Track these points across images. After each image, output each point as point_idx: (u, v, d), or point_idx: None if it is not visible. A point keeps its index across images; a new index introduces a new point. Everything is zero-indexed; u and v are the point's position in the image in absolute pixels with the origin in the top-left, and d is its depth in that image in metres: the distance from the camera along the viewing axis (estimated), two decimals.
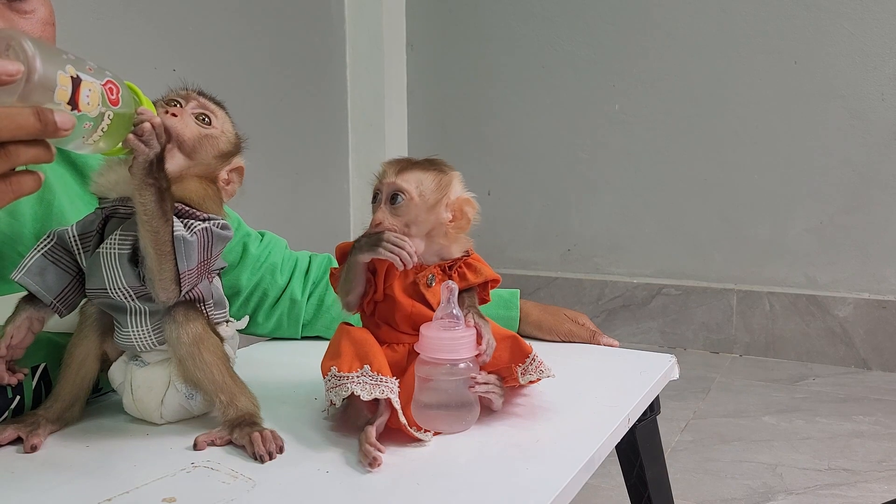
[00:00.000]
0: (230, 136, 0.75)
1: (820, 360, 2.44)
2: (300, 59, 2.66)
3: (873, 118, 2.36)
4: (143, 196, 0.65)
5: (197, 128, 0.72)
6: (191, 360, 0.70)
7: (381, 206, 0.72)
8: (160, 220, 0.65)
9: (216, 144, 0.73)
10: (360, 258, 0.72)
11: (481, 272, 0.76)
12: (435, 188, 0.73)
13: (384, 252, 0.70)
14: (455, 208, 0.74)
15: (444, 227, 0.74)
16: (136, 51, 1.99)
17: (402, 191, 0.72)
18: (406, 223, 0.72)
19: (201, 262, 0.70)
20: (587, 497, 1.52)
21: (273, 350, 1.04)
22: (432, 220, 0.73)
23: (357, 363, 0.70)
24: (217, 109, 0.75)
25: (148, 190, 0.64)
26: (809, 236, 2.48)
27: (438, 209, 0.73)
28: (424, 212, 0.72)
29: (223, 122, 0.75)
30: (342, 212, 2.89)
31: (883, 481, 1.61)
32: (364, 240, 0.72)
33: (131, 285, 0.69)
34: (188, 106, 0.73)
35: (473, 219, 0.75)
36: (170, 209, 0.66)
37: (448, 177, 0.74)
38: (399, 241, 0.70)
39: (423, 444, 0.69)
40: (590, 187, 2.77)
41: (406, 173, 0.73)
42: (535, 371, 0.74)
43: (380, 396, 0.67)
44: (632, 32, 2.64)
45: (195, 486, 0.61)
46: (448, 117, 2.97)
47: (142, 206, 0.65)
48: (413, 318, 0.73)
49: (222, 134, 0.74)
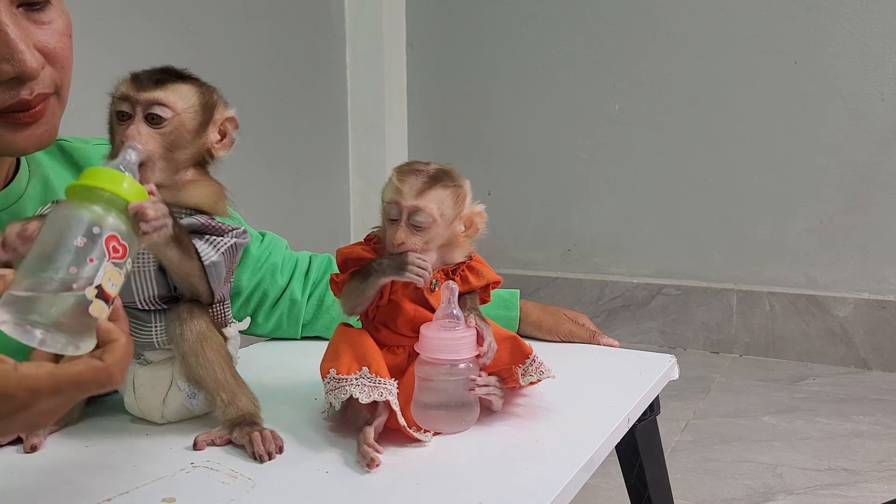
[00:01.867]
0: (193, 106, 0.71)
1: (820, 360, 2.43)
2: (300, 59, 2.66)
3: (873, 118, 2.36)
4: (167, 253, 0.66)
5: (156, 134, 0.69)
6: (193, 356, 0.70)
7: (401, 226, 0.72)
8: (187, 260, 0.67)
9: (182, 130, 0.70)
10: (383, 280, 0.72)
11: (483, 275, 0.76)
12: (453, 205, 0.73)
13: (410, 275, 0.70)
14: (467, 220, 0.75)
15: (458, 238, 0.75)
16: (136, 51, 1.98)
17: (424, 212, 0.71)
18: (426, 241, 0.73)
19: (229, 271, 0.72)
20: (587, 497, 1.52)
21: (273, 350, 1.04)
22: (448, 234, 0.74)
23: (356, 365, 0.70)
24: (165, 94, 0.69)
25: (169, 246, 0.65)
26: (809, 236, 2.48)
27: (455, 224, 0.74)
28: (443, 229, 0.73)
29: (178, 98, 0.70)
30: (342, 212, 2.89)
31: (883, 481, 1.61)
32: (387, 262, 0.72)
33: (161, 295, 0.71)
34: (137, 113, 0.69)
35: (482, 227, 0.76)
36: (189, 242, 0.67)
37: (463, 190, 0.75)
38: (423, 262, 0.71)
39: (423, 445, 0.69)
40: (590, 187, 2.77)
41: (426, 194, 0.72)
42: (535, 372, 0.75)
43: (378, 399, 0.67)
44: (632, 32, 2.64)
45: (195, 486, 0.61)
46: (448, 117, 2.97)
47: (167, 259, 0.67)
48: (415, 322, 0.73)
49: (184, 113, 0.70)
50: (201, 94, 0.72)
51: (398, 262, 0.71)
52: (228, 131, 0.75)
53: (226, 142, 0.75)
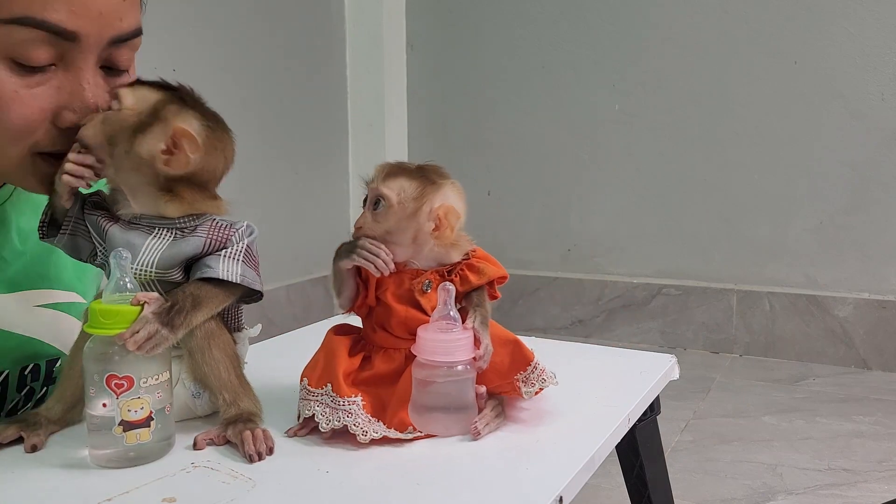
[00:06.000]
0: (132, 103, 0.70)
1: (820, 360, 2.43)
2: (300, 59, 2.66)
3: (873, 118, 2.36)
4: (193, 323, 0.68)
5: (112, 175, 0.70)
6: (200, 353, 0.70)
7: (364, 211, 0.73)
8: (217, 301, 0.70)
9: (120, 129, 0.69)
10: (339, 264, 0.73)
11: (484, 272, 0.74)
12: (416, 196, 0.72)
13: (359, 259, 0.70)
14: (437, 217, 0.72)
15: (426, 236, 0.72)
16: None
17: (383, 196, 0.72)
18: (387, 230, 0.72)
19: (255, 265, 0.72)
20: (587, 497, 1.51)
21: (273, 350, 1.04)
22: (413, 227, 0.72)
23: (324, 380, 0.71)
24: (91, 130, 0.69)
25: (187, 326, 0.67)
26: (809, 236, 2.48)
27: (419, 217, 0.72)
28: (405, 219, 0.72)
29: (122, 99, 0.69)
30: (342, 212, 2.89)
31: (883, 481, 1.61)
32: (344, 246, 0.73)
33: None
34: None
35: (457, 227, 0.73)
36: (205, 293, 0.69)
37: (434, 185, 0.72)
38: (374, 248, 0.71)
39: (413, 443, 0.69)
40: (590, 187, 2.77)
41: (391, 180, 0.72)
42: (537, 380, 0.73)
43: (336, 426, 0.68)
44: (632, 33, 2.64)
45: (195, 485, 0.61)
46: (448, 117, 2.97)
47: (200, 320, 0.69)
48: (408, 324, 0.72)
49: (125, 109, 0.69)
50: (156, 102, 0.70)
51: (350, 245, 0.72)
52: (182, 145, 0.68)
53: (178, 155, 0.68)
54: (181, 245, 0.69)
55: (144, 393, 0.63)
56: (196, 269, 0.70)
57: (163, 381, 0.65)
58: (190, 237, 0.70)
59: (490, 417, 0.72)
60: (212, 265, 0.69)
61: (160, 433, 0.65)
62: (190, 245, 0.69)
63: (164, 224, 0.70)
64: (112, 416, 0.62)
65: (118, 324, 0.63)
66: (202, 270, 0.69)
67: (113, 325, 0.63)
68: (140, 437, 0.63)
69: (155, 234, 0.69)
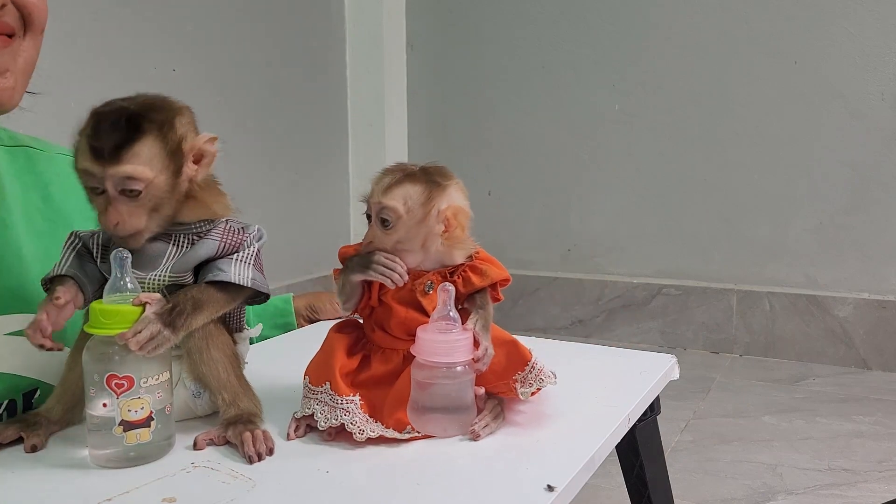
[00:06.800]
0: (161, 162, 0.66)
1: (820, 360, 2.44)
2: (300, 59, 2.66)
3: (873, 118, 2.36)
4: (194, 325, 0.68)
5: (136, 208, 0.66)
6: (198, 353, 0.70)
7: (371, 225, 0.72)
8: (221, 304, 0.70)
9: (158, 191, 0.67)
10: (352, 278, 0.72)
11: (487, 274, 0.74)
12: (423, 201, 0.71)
13: (374, 274, 0.70)
14: (446, 218, 0.71)
15: (437, 238, 0.72)
16: (136, 51, 1.98)
17: (389, 209, 0.71)
18: (397, 240, 0.71)
19: (261, 268, 0.73)
20: (587, 497, 1.52)
21: (273, 350, 1.04)
22: (423, 232, 0.71)
23: (323, 378, 0.71)
24: (132, 166, 0.65)
25: (188, 327, 0.67)
26: (809, 236, 2.48)
27: (428, 221, 0.71)
28: (414, 226, 0.71)
29: (145, 164, 0.65)
30: (342, 212, 2.89)
31: (883, 481, 1.61)
32: (356, 259, 0.72)
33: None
34: (109, 189, 0.65)
35: (467, 226, 0.73)
36: (208, 296, 0.68)
37: (438, 188, 0.72)
38: (389, 262, 0.70)
39: (413, 443, 0.69)
40: (590, 187, 2.77)
41: (392, 190, 0.71)
42: (535, 379, 0.73)
43: (334, 424, 0.68)
44: (632, 32, 2.64)
45: (195, 485, 0.61)
46: (448, 117, 2.97)
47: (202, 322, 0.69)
48: (407, 325, 0.72)
49: (156, 176, 0.66)
50: (164, 141, 0.67)
51: (365, 261, 0.71)
52: (206, 152, 0.70)
53: (206, 161, 0.70)
54: (196, 249, 0.70)
55: (145, 393, 0.63)
56: (207, 272, 0.69)
57: (163, 381, 0.65)
58: (204, 240, 0.70)
59: (489, 419, 0.72)
60: (224, 269, 0.69)
61: (160, 433, 0.65)
62: (204, 248, 0.70)
63: (181, 230, 0.70)
64: (112, 416, 0.63)
65: (118, 324, 0.63)
66: (214, 273, 0.69)
67: (113, 325, 0.63)
68: (140, 437, 0.63)
69: (174, 241, 0.70)
